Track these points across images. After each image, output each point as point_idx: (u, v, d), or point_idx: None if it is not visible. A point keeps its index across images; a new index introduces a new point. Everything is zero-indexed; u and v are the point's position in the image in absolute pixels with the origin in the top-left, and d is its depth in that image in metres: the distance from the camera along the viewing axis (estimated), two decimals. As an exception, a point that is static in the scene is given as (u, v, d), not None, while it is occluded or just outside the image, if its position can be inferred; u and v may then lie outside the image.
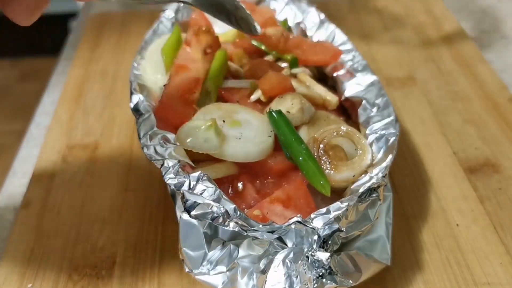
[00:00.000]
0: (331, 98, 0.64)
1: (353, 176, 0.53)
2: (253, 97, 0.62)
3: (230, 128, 0.56)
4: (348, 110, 0.65)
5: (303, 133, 0.58)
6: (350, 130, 0.57)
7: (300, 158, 0.53)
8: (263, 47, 0.70)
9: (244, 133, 0.56)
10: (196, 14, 0.75)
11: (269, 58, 0.69)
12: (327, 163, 0.54)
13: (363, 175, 0.53)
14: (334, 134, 0.56)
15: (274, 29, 0.70)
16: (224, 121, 0.56)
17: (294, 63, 0.68)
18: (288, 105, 0.59)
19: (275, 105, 0.59)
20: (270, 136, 0.56)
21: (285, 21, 0.76)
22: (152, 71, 0.67)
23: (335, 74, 0.68)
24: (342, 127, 0.57)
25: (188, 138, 0.54)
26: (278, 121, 0.56)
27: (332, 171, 0.54)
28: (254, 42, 0.70)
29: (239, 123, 0.57)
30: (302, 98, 0.60)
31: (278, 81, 0.62)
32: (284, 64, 0.68)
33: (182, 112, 0.59)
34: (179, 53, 0.65)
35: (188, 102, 0.60)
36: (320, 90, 0.65)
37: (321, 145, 0.55)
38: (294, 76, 0.67)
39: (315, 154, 0.55)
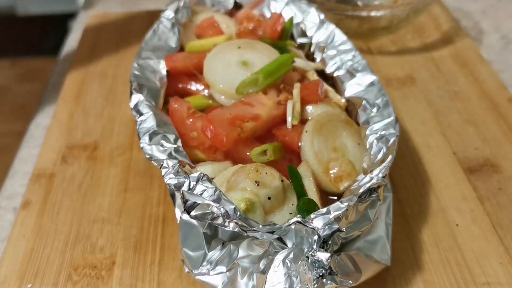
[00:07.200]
0: (339, 99, 0.64)
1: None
2: (290, 121, 0.60)
3: None
4: (348, 110, 0.65)
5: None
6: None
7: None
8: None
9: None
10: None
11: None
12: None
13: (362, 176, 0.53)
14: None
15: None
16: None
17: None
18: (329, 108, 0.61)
19: (319, 115, 0.59)
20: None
21: (291, 20, 0.75)
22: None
23: (335, 75, 0.68)
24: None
25: None
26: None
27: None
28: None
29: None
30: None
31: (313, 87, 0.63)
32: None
33: (223, 133, 0.56)
34: (251, 95, 0.61)
35: (235, 127, 0.56)
36: (329, 91, 0.66)
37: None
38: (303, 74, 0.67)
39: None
